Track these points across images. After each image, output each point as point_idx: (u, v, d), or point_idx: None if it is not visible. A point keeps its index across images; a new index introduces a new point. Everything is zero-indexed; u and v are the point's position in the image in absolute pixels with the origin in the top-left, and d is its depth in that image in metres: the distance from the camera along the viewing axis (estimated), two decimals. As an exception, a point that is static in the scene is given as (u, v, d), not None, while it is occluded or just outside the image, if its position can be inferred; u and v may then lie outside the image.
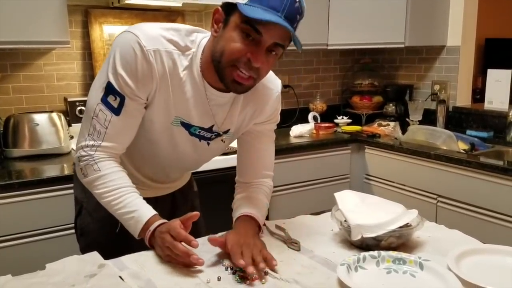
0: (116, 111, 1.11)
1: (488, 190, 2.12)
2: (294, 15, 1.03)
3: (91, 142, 1.13)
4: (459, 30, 2.89)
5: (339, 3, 2.82)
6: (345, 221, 1.18)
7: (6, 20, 1.96)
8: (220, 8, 1.08)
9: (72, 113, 2.33)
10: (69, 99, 2.35)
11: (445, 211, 2.31)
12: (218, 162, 2.15)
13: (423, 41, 2.89)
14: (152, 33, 1.10)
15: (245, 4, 1.02)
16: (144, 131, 1.19)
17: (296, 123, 2.89)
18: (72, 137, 2.25)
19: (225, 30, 1.06)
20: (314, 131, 2.81)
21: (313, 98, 3.22)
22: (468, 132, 2.72)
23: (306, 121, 2.99)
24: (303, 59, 3.20)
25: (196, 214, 1.11)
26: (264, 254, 1.08)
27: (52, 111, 2.25)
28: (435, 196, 2.36)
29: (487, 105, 2.84)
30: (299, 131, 2.75)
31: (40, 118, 2.17)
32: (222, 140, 1.27)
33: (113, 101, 1.10)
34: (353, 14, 2.82)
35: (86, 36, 2.44)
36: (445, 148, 2.44)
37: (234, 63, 1.06)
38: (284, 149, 2.50)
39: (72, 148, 2.23)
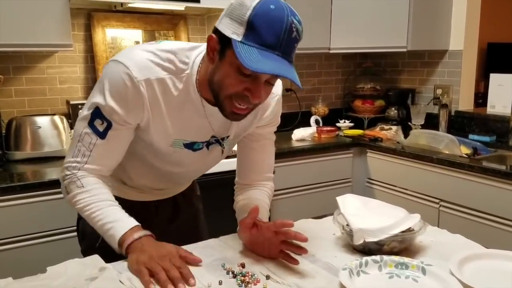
0: (102, 134, 1.10)
1: (490, 194, 2.12)
2: (292, 47, 1.01)
3: (75, 164, 1.13)
4: (461, 35, 2.89)
5: (341, 7, 2.83)
6: (347, 225, 1.18)
7: (9, 23, 1.97)
8: (214, 36, 1.03)
9: (74, 115, 2.33)
10: (72, 102, 2.35)
11: (448, 216, 2.31)
12: (221, 165, 2.14)
13: (425, 45, 2.89)
14: (142, 61, 1.07)
15: (241, 42, 0.97)
16: (146, 150, 1.19)
17: (298, 126, 2.89)
18: (74, 140, 2.25)
19: (221, 62, 1.03)
20: (316, 135, 2.81)
21: (315, 101, 3.21)
22: (471, 136, 2.71)
23: (308, 125, 2.99)
24: (305, 63, 3.20)
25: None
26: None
27: (54, 114, 2.26)
28: (437, 201, 2.36)
29: (489, 110, 2.84)
30: (301, 134, 2.74)
31: (42, 121, 2.18)
32: (222, 146, 1.26)
33: (100, 125, 1.10)
34: (355, 18, 2.82)
35: (89, 39, 2.45)
36: (447, 152, 2.44)
37: (232, 98, 1.04)
38: (286, 153, 2.50)
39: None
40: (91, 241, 1.27)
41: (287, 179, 2.50)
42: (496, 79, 2.81)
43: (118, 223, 1.09)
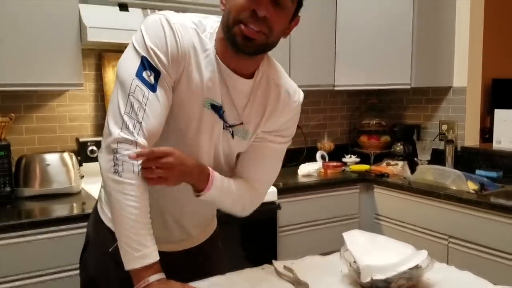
0: (152, 87, 1.05)
1: (499, 230, 2.09)
2: None
3: (132, 122, 1.03)
4: (465, 71, 2.93)
5: (345, 45, 2.89)
6: (354, 262, 1.17)
7: (22, 63, 2.03)
8: None
9: (83, 153, 2.36)
10: (81, 140, 2.39)
11: (457, 252, 2.28)
12: None
13: (429, 82, 2.93)
14: (178, 14, 1.11)
15: None
16: (171, 119, 1.12)
17: (304, 162, 2.90)
18: (82, 177, 2.27)
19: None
20: (322, 170, 2.82)
21: (320, 137, 3.24)
22: (477, 172, 2.71)
23: (314, 160, 3.00)
24: (310, 100, 3.25)
25: None
26: None
27: (63, 151, 2.29)
28: (446, 237, 2.33)
29: (495, 145, 2.84)
30: (307, 170, 2.75)
31: (52, 158, 2.20)
32: (243, 135, 1.20)
33: (148, 77, 1.05)
34: (359, 56, 2.88)
35: (99, 78, 2.51)
36: (454, 188, 2.43)
37: (240, 19, 1.04)
38: (292, 188, 2.50)
39: (83, 188, 2.25)
40: (91, 272, 1.25)
41: (293, 215, 2.49)
42: (501, 115, 2.82)
43: (141, 249, 1.02)
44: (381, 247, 1.21)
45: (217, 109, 1.15)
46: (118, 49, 2.54)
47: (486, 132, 3.48)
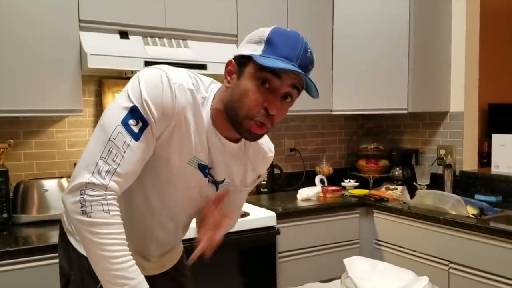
0: (136, 136, 1.04)
1: (499, 255, 2.08)
2: (306, 65, 1.06)
3: (106, 168, 1.01)
4: (461, 96, 2.96)
5: (342, 70, 2.92)
6: (355, 289, 1.16)
7: (22, 89, 2.05)
8: (233, 60, 1.10)
9: (81, 178, 2.35)
10: (79, 165, 2.38)
11: (458, 278, 2.25)
12: None
13: (426, 107, 2.95)
14: (177, 71, 1.11)
15: (260, 55, 1.04)
16: (154, 170, 1.15)
17: (302, 186, 2.90)
18: (80, 203, 2.26)
19: (239, 80, 1.07)
20: (322, 194, 2.81)
21: (319, 161, 3.24)
22: (477, 196, 2.70)
23: (313, 184, 3.00)
24: (308, 124, 3.26)
25: None
26: None
27: (61, 177, 2.28)
28: (446, 262, 2.31)
29: (493, 170, 2.85)
30: (306, 194, 2.74)
31: (50, 184, 2.20)
32: (216, 188, 1.26)
33: (134, 125, 1.04)
34: (355, 81, 2.91)
35: (99, 104, 2.53)
36: (454, 212, 2.42)
37: (252, 115, 1.06)
38: (291, 213, 2.49)
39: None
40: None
41: (292, 240, 2.47)
42: (498, 140, 2.84)
43: (128, 283, 1.01)
44: (382, 274, 1.21)
45: (203, 168, 1.19)
46: (118, 76, 2.56)
47: (484, 157, 3.50)
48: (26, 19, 2.04)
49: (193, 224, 1.40)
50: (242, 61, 1.08)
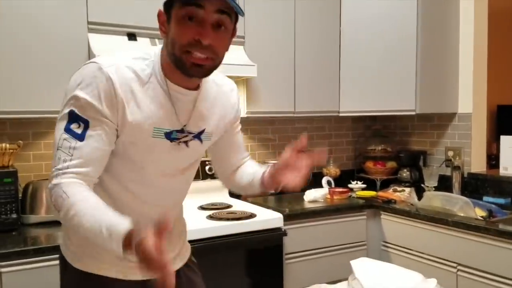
0: (80, 136, 1.08)
1: (508, 258, 2.06)
2: None
3: (56, 173, 1.06)
4: (469, 97, 2.94)
5: (349, 71, 2.92)
6: (362, 290, 1.16)
7: (31, 91, 2.06)
8: (161, 10, 1.13)
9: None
10: (87, 166, 2.39)
11: (466, 280, 2.24)
12: (217, 229, 2.15)
13: (433, 108, 2.94)
14: (108, 56, 1.14)
15: None
16: (129, 161, 1.18)
17: (309, 187, 2.89)
18: (88, 203, 2.27)
19: (170, 25, 1.11)
20: (329, 196, 2.80)
21: (326, 163, 3.24)
22: (485, 198, 2.69)
23: (320, 186, 2.99)
24: (315, 125, 3.26)
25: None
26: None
27: (70, 178, 2.29)
28: (455, 265, 2.30)
29: (502, 171, 2.83)
30: (313, 195, 2.74)
31: (58, 185, 2.21)
32: (200, 140, 1.28)
33: (77, 128, 1.08)
34: (363, 82, 2.91)
35: (106, 105, 2.53)
36: (462, 214, 2.41)
37: (186, 48, 1.09)
38: (298, 214, 2.49)
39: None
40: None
41: (299, 242, 2.47)
42: (507, 141, 2.82)
43: (111, 228, 0.97)
44: (389, 275, 1.20)
45: (169, 135, 1.20)
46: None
47: (493, 158, 3.48)
48: (36, 21, 2.06)
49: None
50: (167, 6, 1.11)
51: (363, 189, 3.05)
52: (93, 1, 2.17)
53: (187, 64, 1.10)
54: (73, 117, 1.08)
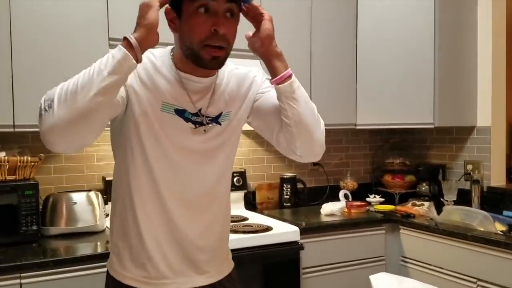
0: None
1: (531, 274, 2.02)
2: None
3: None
4: (488, 111, 2.91)
5: (366, 84, 2.91)
6: (381, 306, 1.15)
7: (54, 105, 2.11)
8: (169, 7, 1.18)
9: (109, 191, 2.39)
10: (107, 178, 2.43)
11: (487, 297, 2.20)
12: (233, 242, 2.15)
13: (452, 121, 2.91)
14: None
15: None
16: (147, 135, 1.23)
17: (326, 201, 2.88)
18: (107, 215, 2.30)
19: (182, 21, 1.15)
20: (346, 210, 2.78)
21: (343, 176, 3.22)
22: (505, 212, 2.64)
23: (337, 199, 2.98)
24: (331, 138, 3.25)
25: None
26: None
27: (90, 190, 2.33)
28: (474, 280, 2.26)
29: (522, 185, 2.79)
30: (330, 209, 2.72)
31: (78, 197, 2.24)
32: (219, 124, 1.30)
33: None
34: (380, 95, 2.89)
35: (126, 119, 2.58)
36: (481, 229, 2.37)
37: (205, 42, 1.14)
38: (315, 228, 2.47)
39: (107, 226, 2.27)
40: None
41: (316, 256, 2.45)
42: (527, 155, 2.78)
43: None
44: (408, 291, 1.19)
45: (181, 113, 1.24)
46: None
47: (513, 172, 3.42)
48: (60, 38, 2.12)
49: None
50: (175, 3, 1.15)
51: (381, 203, 3.02)
52: (114, 18, 2.22)
53: (207, 58, 1.16)
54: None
